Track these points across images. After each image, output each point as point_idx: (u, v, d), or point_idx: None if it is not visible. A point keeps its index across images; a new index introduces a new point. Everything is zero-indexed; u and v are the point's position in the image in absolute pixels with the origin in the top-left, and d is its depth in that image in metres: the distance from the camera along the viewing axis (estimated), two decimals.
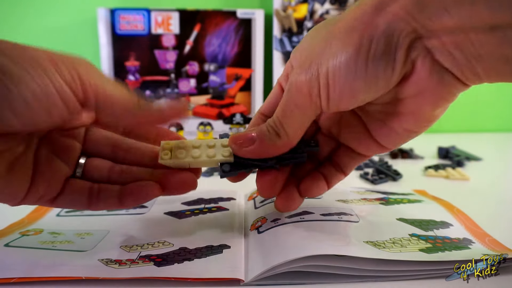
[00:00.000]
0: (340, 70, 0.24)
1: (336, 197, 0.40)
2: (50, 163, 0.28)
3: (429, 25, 0.22)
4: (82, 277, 0.27)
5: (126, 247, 0.32)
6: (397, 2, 0.23)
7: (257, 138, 0.27)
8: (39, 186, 0.27)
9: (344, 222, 0.33)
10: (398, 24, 0.23)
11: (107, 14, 0.80)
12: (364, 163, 0.60)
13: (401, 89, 0.25)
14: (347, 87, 0.25)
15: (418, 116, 0.27)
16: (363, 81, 0.24)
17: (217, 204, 0.41)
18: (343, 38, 0.24)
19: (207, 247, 0.32)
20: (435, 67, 0.24)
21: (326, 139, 0.33)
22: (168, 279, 0.27)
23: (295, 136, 0.27)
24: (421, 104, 0.26)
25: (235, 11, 0.82)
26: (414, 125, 0.27)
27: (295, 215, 0.34)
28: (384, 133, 0.29)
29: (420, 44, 0.23)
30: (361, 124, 0.30)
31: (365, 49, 0.24)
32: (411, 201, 0.42)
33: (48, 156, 0.28)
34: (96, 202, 0.30)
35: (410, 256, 0.28)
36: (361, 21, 0.24)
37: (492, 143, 0.83)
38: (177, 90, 0.83)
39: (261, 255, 0.29)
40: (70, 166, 0.30)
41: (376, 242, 0.30)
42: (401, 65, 0.24)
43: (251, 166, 0.30)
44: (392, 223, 0.34)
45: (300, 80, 0.26)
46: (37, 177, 0.27)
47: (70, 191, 0.29)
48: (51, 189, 0.28)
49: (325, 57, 0.25)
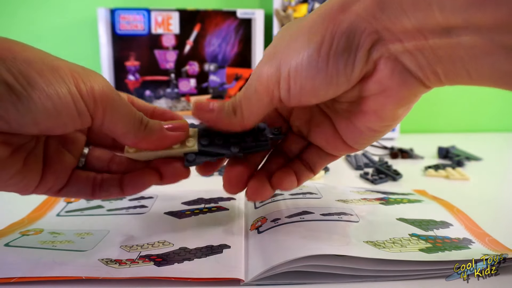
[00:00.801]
0: (302, 64, 0.25)
1: (336, 197, 0.40)
2: (58, 155, 0.29)
3: (390, 27, 0.23)
4: (82, 276, 0.27)
5: (126, 247, 0.32)
6: (361, 2, 0.24)
7: (216, 110, 0.28)
8: (49, 178, 0.29)
9: (344, 222, 0.33)
10: (361, 24, 0.24)
11: (107, 14, 0.80)
12: (364, 163, 0.60)
13: (364, 87, 0.26)
14: (309, 81, 0.25)
15: (381, 115, 0.27)
16: (324, 76, 0.25)
17: (217, 204, 0.41)
18: (308, 33, 0.25)
19: (207, 247, 0.32)
20: (397, 68, 0.24)
21: (296, 138, 0.33)
22: (168, 279, 0.27)
23: (250, 119, 0.28)
24: (383, 103, 0.26)
25: (235, 11, 0.82)
26: (377, 124, 0.28)
27: (295, 215, 0.34)
28: (350, 132, 0.30)
29: (383, 46, 0.24)
30: (330, 124, 0.31)
31: (327, 45, 0.24)
32: (411, 201, 0.42)
33: (57, 149, 0.30)
34: (99, 191, 0.31)
35: (410, 256, 0.28)
36: (326, 17, 0.25)
37: (492, 143, 0.83)
38: (177, 90, 0.83)
39: (261, 255, 0.29)
40: (76, 157, 0.31)
41: (376, 242, 0.30)
42: (361, 63, 0.24)
43: (215, 155, 0.31)
44: (392, 223, 0.34)
45: (261, 69, 0.27)
46: (47, 169, 0.28)
47: (75, 181, 0.31)
48: (59, 180, 0.30)
49: (289, 51, 0.26)
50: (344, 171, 0.59)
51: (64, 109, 0.24)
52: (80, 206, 0.42)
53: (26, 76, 0.22)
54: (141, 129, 0.28)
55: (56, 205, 0.42)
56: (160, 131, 0.29)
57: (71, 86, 0.24)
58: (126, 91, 0.83)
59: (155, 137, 0.29)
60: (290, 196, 0.40)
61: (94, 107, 0.25)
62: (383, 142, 0.77)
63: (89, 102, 0.25)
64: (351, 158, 0.63)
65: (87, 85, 0.25)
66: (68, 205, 0.42)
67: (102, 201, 0.43)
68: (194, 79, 0.83)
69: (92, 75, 0.26)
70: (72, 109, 0.24)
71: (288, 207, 0.37)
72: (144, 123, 0.28)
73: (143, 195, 0.44)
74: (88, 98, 0.25)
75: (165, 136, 0.29)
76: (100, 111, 0.25)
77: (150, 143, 0.29)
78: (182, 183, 0.33)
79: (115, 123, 0.26)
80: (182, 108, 0.84)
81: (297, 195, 0.40)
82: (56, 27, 0.88)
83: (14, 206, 0.43)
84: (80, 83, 0.24)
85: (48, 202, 0.43)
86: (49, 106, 0.23)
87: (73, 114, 0.24)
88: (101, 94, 0.25)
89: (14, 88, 0.22)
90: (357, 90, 0.27)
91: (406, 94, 0.26)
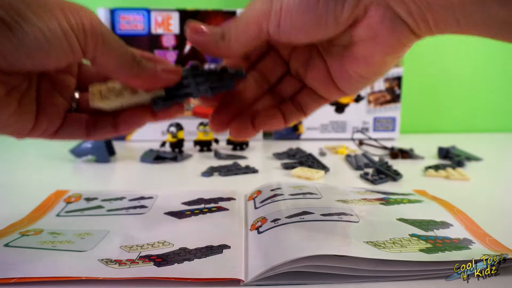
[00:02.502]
0: (294, 2, 0.26)
1: (336, 197, 0.40)
2: (50, 97, 0.31)
3: None
4: (82, 277, 0.27)
5: (126, 247, 0.32)
6: None
7: (207, 33, 0.29)
8: (43, 119, 0.30)
9: (344, 222, 0.33)
10: None
11: (107, 14, 0.80)
12: (364, 163, 0.60)
13: (355, 32, 0.27)
14: (299, 18, 0.26)
15: (370, 61, 0.28)
16: (314, 15, 0.26)
17: (217, 204, 0.41)
18: None
19: (207, 247, 0.32)
20: (388, 14, 0.25)
21: (293, 80, 0.34)
22: (168, 279, 0.27)
23: (236, 47, 0.29)
24: (373, 50, 0.27)
25: (235, 11, 0.82)
26: (366, 71, 0.29)
27: (295, 215, 0.34)
28: (341, 76, 0.31)
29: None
30: (325, 67, 0.32)
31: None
32: (411, 201, 0.42)
33: (48, 91, 0.31)
34: (94, 131, 0.32)
35: (410, 256, 0.28)
36: None
37: (492, 143, 0.83)
38: None
39: (261, 256, 0.29)
40: (67, 100, 0.32)
41: (376, 242, 0.30)
42: (351, 6, 0.25)
43: (183, 96, 0.32)
44: (392, 223, 0.34)
45: (255, 3, 0.28)
46: (40, 111, 0.30)
47: (70, 123, 0.32)
48: (53, 122, 0.31)
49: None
50: (344, 171, 0.59)
51: (56, 41, 0.25)
52: (80, 206, 0.42)
53: (17, 10, 0.23)
54: (135, 64, 0.28)
55: (56, 205, 0.42)
56: (154, 69, 0.29)
57: (61, 20, 0.25)
58: None
59: (148, 75, 0.29)
60: (290, 196, 0.40)
61: (84, 40, 0.26)
62: (383, 142, 0.77)
63: (79, 35, 0.26)
64: (351, 158, 0.63)
65: (77, 19, 0.25)
66: (68, 205, 0.42)
67: (102, 201, 0.43)
68: None
69: (82, 9, 0.26)
70: (63, 42, 0.25)
71: (288, 207, 0.37)
72: (137, 60, 0.29)
73: (143, 195, 0.44)
74: (78, 32, 0.25)
75: (159, 76, 0.30)
76: (91, 44, 0.26)
77: (144, 80, 0.29)
78: (182, 183, 0.33)
79: (107, 56, 0.27)
80: None
81: (297, 195, 0.40)
82: None
83: (14, 206, 0.43)
84: (69, 17, 0.25)
85: (48, 203, 0.43)
86: (41, 38, 0.24)
87: (65, 47, 0.25)
88: (91, 27, 0.26)
89: (6, 21, 0.23)
90: (349, 35, 0.27)
91: (396, 42, 0.27)
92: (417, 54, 0.93)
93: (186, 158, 0.67)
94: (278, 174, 0.57)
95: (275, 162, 0.64)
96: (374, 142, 0.77)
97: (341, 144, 0.77)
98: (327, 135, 0.86)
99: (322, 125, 0.86)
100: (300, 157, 0.64)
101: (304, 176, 0.54)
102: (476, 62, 0.95)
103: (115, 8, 0.80)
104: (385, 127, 0.86)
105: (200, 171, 0.56)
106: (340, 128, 0.86)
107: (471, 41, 0.93)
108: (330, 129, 0.86)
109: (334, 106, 0.85)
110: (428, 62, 0.95)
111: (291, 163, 0.61)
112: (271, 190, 0.43)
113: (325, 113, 0.85)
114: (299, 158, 0.63)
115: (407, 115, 0.88)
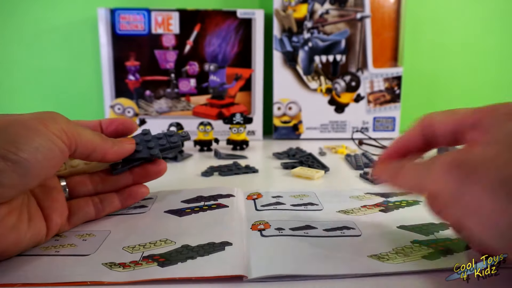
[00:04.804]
0: None
1: (337, 208, 0.41)
2: (48, 195, 0.33)
3: None
4: (87, 282, 0.27)
5: (128, 247, 0.32)
6: None
7: None
8: (53, 216, 0.33)
9: (347, 237, 0.34)
10: None
11: (107, 14, 0.80)
12: (364, 162, 0.60)
13: None
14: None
15: None
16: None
17: (216, 201, 0.42)
18: None
19: (209, 244, 0.32)
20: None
21: None
22: (173, 279, 0.27)
23: None
24: None
25: (235, 11, 0.82)
26: None
27: (299, 229, 0.35)
28: None
29: None
30: None
31: None
32: (410, 203, 0.42)
33: (43, 191, 0.33)
34: (103, 209, 0.37)
35: (414, 266, 0.29)
36: None
37: None
38: (177, 90, 0.83)
39: (266, 259, 0.30)
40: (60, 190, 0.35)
41: (380, 255, 0.30)
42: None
43: (137, 160, 0.39)
44: (393, 233, 0.35)
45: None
46: (46, 210, 0.33)
47: (77, 209, 0.36)
48: (62, 214, 0.34)
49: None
50: (344, 171, 0.59)
51: (51, 154, 0.28)
52: None
53: (7, 145, 0.26)
54: (108, 142, 0.34)
55: None
56: (121, 143, 0.36)
57: (47, 133, 0.29)
58: (126, 91, 0.83)
59: (118, 149, 0.35)
60: (292, 207, 0.41)
61: (68, 141, 0.30)
62: (383, 142, 0.77)
63: (64, 139, 0.30)
64: (351, 158, 0.63)
65: (58, 126, 0.30)
66: None
67: None
68: (194, 79, 0.83)
69: (55, 116, 0.31)
70: (56, 150, 0.29)
71: (291, 219, 0.38)
72: (105, 138, 0.34)
73: None
74: (62, 136, 0.30)
75: (124, 147, 0.36)
76: (73, 141, 0.31)
77: (116, 154, 0.35)
78: (182, 183, 0.33)
79: (85, 143, 0.32)
80: (182, 108, 0.84)
81: (298, 207, 0.41)
82: (56, 27, 0.88)
83: None
84: (51, 128, 0.29)
85: None
86: (40, 158, 0.28)
87: (58, 153, 0.29)
88: (68, 128, 0.30)
89: (8, 158, 0.26)
90: None
91: None
92: (417, 54, 0.93)
93: (186, 158, 0.67)
94: (278, 174, 0.57)
95: (275, 162, 0.64)
96: (374, 142, 0.78)
97: (341, 143, 0.78)
98: (327, 135, 0.86)
99: (322, 125, 0.86)
100: (300, 156, 0.64)
101: (305, 175, 0.54)
102: (476, 62, 0.96)
103: (115, 8, 0.80)
104: (385, 127, 0.86)
105: (200, 170, 0.56)
106: (340, 128, 0.86)
107: (471, 42, 0.93)
108: (330, 129, 0.86)
109: (334, 106, 0.85)
110: (428, 62, 0.95)
111: (291, 162, 0.61)
112: (273, 197, 0.44)
113: (325, 113, 0.85)
114: (299, 157, 0.63)
115: (407, 115, 0.88)
